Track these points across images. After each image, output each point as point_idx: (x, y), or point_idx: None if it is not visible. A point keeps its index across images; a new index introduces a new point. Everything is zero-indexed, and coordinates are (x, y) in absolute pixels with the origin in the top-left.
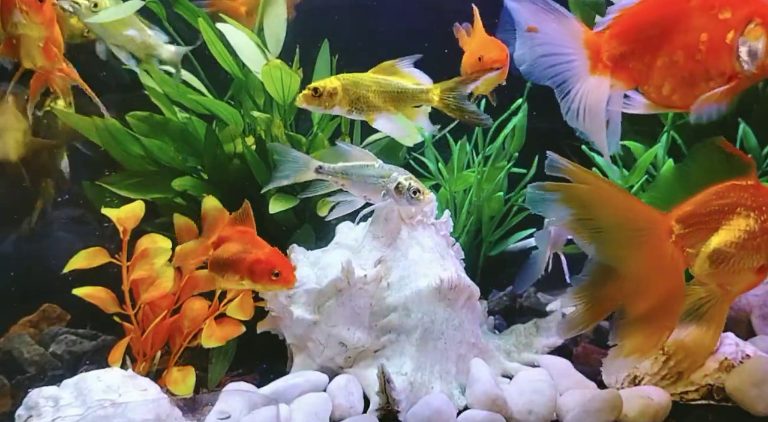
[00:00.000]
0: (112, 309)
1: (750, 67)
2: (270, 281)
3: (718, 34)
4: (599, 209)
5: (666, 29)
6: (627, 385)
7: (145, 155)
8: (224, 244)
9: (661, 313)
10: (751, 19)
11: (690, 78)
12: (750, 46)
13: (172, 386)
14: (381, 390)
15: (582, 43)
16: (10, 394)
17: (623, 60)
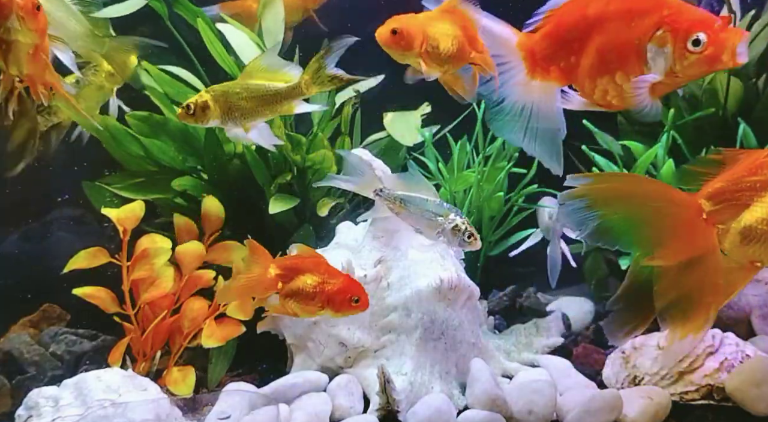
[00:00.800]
0: (112, 309)
1: (657, 74)
2: (350, 307)
3: (630, 39)
4: (627, 203)
5: (588, 31)
6: (627, 385)
7: (145, 155)
8: (299, 276)
9: (705, 289)
10: (660, 27)
11: (611, 80)
12: (656, 52)
13: (172, 386)
14: (381, 390)
15: (515, 46)
16: (10, 394)
17: (554, 60)
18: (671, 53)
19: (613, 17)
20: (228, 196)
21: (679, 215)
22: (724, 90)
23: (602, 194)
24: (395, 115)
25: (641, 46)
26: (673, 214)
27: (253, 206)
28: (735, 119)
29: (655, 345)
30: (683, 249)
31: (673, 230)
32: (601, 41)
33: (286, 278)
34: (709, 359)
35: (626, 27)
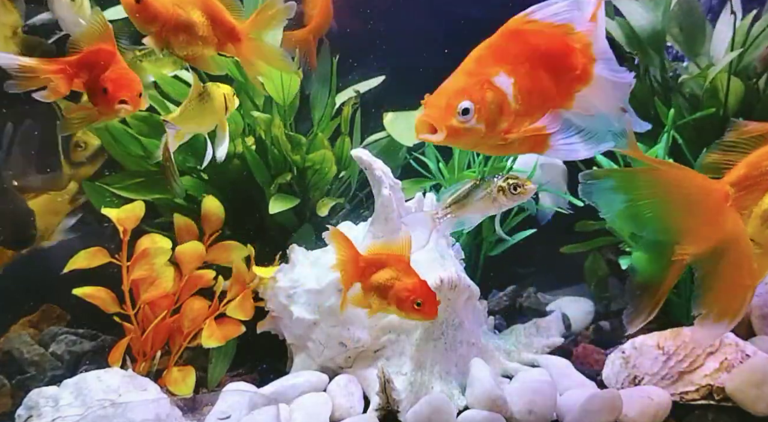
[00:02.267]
0: (112, 309)
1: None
2: (413, 310)
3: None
4: (654, 189)
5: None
6: (627, 385)
7: (145, 155)
8: (381, 269)
9: (738, 273)
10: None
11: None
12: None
13: (172, 386)
14: (381, 390)
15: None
16: (10, 394)
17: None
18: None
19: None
20: (228, 196)
21: (706, 202)
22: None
23: (629, 176)
24: (395, 115)
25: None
26: (700, 200)
27: (253, 206)
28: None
29: (655, 344)
30: (710, 236)
31: (701, 217)
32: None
33: (369, 270)
34: (709, 359)
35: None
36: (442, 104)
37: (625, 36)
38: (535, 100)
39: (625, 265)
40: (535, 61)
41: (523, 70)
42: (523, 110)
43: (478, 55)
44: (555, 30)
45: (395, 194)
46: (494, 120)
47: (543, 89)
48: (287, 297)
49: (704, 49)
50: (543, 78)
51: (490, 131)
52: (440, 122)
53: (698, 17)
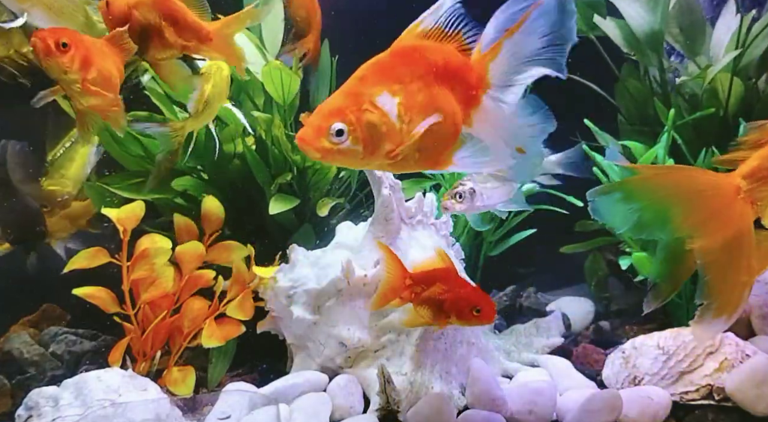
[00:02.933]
0: (112, 309)
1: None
2: (472, 317)
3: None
4: (664, 192)
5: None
6: (627, 385)
7: (145, 155)
8: (430, 285)
9: (739, 269)
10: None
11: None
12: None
13: (172, 386)
14: (381, 390)
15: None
16: (10, 394)
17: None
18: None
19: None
20: (228, 196)
21: (717, 197)
22: (725, 90)
23: (637, 185)
24: None
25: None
26: (712, 196)
27: (253, 206)
28: (735, 119)
29: (655, 344)
30: (723, 230)
31: (713, 212)
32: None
33: (419, 288)
34: (709, 359)
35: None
36: (316, 125)
37: (624, 36)
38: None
39: (625, 265)
40: (429, 79)
41: (413, 88)
42: (413, 130)
43: (362, 74)
44: (451, 47)
45: (395, 194)
46: (375, 141)
47: (437, 108)
48: (287, 297)
49: (704, 49)
50: (438, 97)
51: (371, 152)
52: (313, 144)
53: (698, 17)
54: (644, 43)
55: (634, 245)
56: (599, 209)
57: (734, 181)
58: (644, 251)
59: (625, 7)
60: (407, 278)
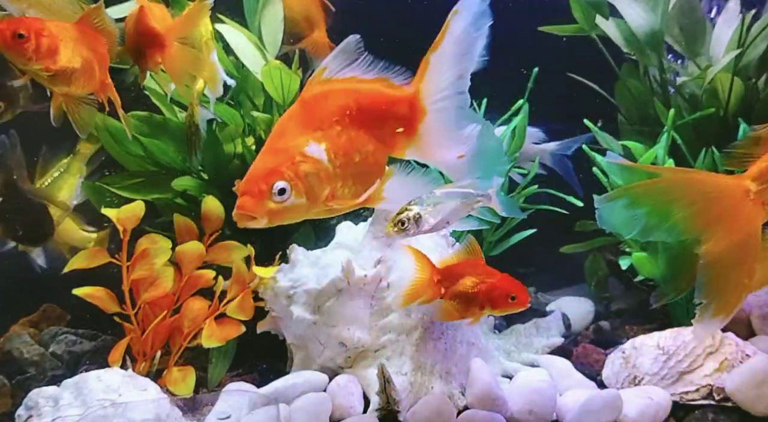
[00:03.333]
0: (112, 309)
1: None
2: (508, 304)
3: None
4: (670, 196)
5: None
6: (627, 385)
7: (145, 155)
8: (459, 279)
9: (742, 271)
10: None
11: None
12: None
13: (172, 386)
14: (381, 390)
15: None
16: (10, 394)
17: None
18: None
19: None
20: (228, 196)
21: (726, 199)
22: (726, 90)
23: (642, 190)
24: None
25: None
26: (720, 198)
27: None
28: (735, 119)
29: (655, 345)
30: (731, 232)
31: (721, 215)
32: None
33: (448, 283)
34: (709, 359)
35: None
36: (256, 191)
37: (624, 37)
38: (355, 158)
39: (625, 265)
40: (347, 119)
41: (335, 132)
42: (343, 172)
43: (281, 129)
44: (368, 83)
45: None
46: (316, 190)
47: (363, 146)
48: (287, 297)
49: (704, 50)
50: (361, 135)
51: (314, 201)
52: (258, 210)
53: (698, 17)
54: (644, 43)
55: (634, 245)
56: (605, 216)
57: (743, 183)
58: (644, 251)
59: (625, 7)
60: (436, 274)
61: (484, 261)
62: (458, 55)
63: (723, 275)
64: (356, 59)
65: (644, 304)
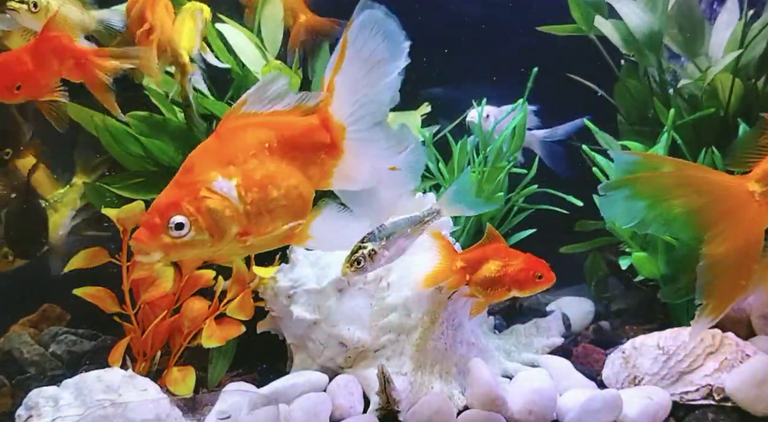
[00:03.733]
0: (112, 309)
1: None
2: (535, 283)
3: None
4: (673, 191)
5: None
6: (627, 385)
7: (145, 155)
8: (483, 264)
9: (739, 272)
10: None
11: None
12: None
13: (172, 386)
14: (381, 390)
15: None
16: (10, 394)
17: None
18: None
19: None
20: None
21: (730, 200)
22: (725, 90)
23: (645, 182)
24: (395, 115)
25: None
26: (723, 199)
27: None
28: (734, 119)
29: (655, 344)
30: (735, 233)
31: (725, 215)
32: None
33: (472, 268)
34: (709, 359)
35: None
36: (152, 224)
37: (622, 37)
38: (273, 194)
39: (625, 265)
40: (266, 153)
41: (250, 167)
42: (258, 208)
43: (193, 162)
44: (282, 115)
45: None
46: (221, 227)
47: (284, 180)
48: (287, 297)
49: (703, 50)
50: (282, 169)
51: (220, 238)
52: (150, 242)
53: (697, 18)
54: (643, 44)
55: (634, 245)
56: (605, 205)
57: (748, 184)
58: (644, 251)
59: (623, 8)
60: (459, 260)
61: (505, 245)
62: (365, 69)
63: (722, 276)
64: (277, 94)
65: (644, 304)
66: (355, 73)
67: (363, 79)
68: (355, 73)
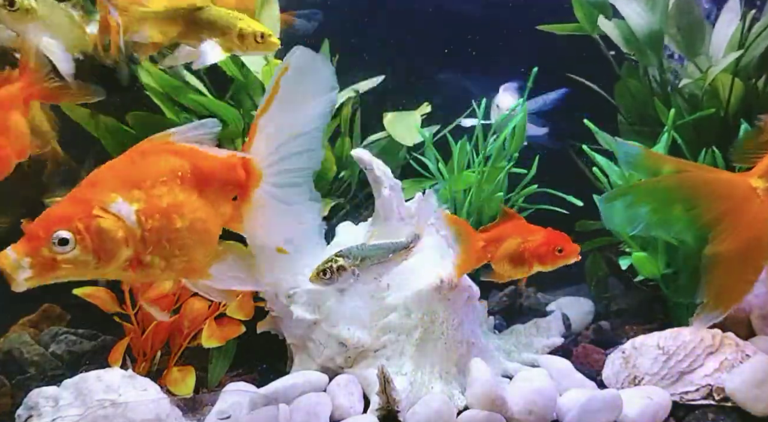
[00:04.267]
0: (112, 309)
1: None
2: (556, 257)
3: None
4: (674, 195)
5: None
6: (627, 385)
7: None
8: (504, 241)
9: (746, 267)
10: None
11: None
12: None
13: (172, 386)
14: (381, 390)
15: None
16: (10, 394)
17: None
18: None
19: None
20: None
21: (732, 198)
22: (726, 90)
23: (647, 189)
24: (395, 115)
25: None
26: (726, 197)
27: None
28: (735, 119)
29: (655, 344)
30: (739, 230)
31: (728, 213)
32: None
33: (493, 246)
34: (709, 359)
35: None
36: (34, 233)
37: (623, 36)
38: (177, 224)
39: (625, 265)
40: (177, 182)
41: (157, 194)
42: (158, 237)
43: (96, 178)
44: (205, 149)
45: (395, 194)
46: (109, 250)
47: (192, 212)
48: (287, 297)
49: (703, 50)
50: (192, 201)
51: (107, 261)
52: (27, 252)
53: (697, 17)
54: (644, 43)
55: (634, 245)
56: (607, 214)
57: (750, 180)
58: (644, 251)
59: (624, 7)
60: (480, 239)
61: (524, 221)
62: (291, 114)
63: (728, 274)
64: (207, 137)
65: (644, 304)
66: (281, 118)
67: (287, 126)
68: (281, 118)
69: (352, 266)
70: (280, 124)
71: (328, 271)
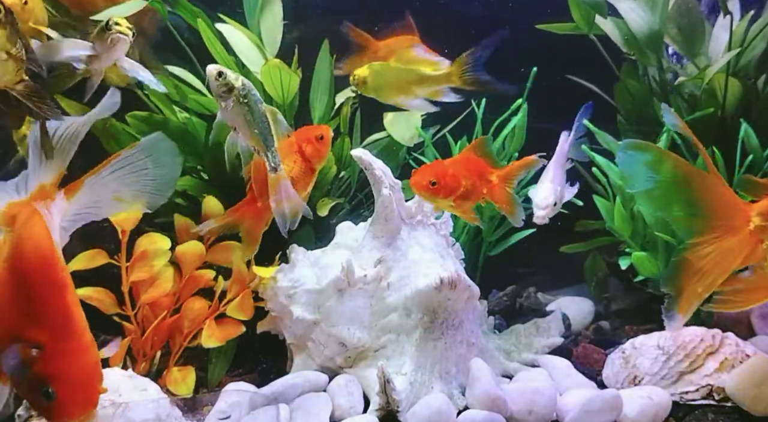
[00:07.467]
0: (112, 310)
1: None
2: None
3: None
4: (690, 184)
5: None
6: (627, 385)
7: None
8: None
9: (706, 283)
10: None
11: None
12: None
13: (172, 386)
14: (381, 390)
15: None
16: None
17: None
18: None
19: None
20: (228, 196)
21: (731, 220)
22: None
23: (669, 160)
24: (395, 115)
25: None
26: (726, 217)
27: None
28: (734, 119)
29: (655, 344)
30: (721, 250)
31: (719, 230)
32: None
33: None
34: (709, 359)
35: None
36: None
37: (623, 37)
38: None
39: (625, 265)
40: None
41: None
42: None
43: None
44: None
45: (395, 194)
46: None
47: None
48: (287, 297)
49: (703, 50)
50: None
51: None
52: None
53: (696, 17)
54: (643, 44)
55: (634, 245)
56: (626, 160)
57: (750, 213)
58: (644, 251)
59: (624, 7)
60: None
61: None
62: (116, 186)
63: (693, 280)
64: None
65: (644, 304)
66: (106, 184)
67: (111, 191)
68: (106, 184)
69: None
70: (105, 186)
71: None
